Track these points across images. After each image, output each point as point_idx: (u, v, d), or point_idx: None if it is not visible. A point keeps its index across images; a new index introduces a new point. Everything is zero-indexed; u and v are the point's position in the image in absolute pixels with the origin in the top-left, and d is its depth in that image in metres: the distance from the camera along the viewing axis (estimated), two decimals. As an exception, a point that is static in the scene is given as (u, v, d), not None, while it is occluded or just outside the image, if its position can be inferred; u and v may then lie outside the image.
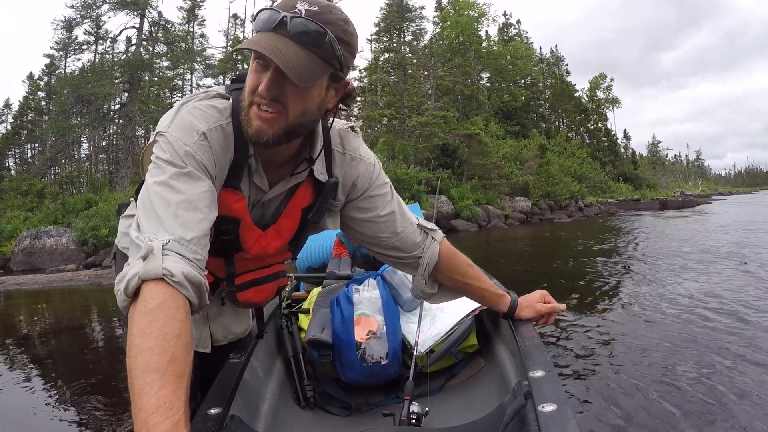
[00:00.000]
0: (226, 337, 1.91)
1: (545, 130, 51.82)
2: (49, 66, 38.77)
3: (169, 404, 0.97)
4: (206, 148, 1.37)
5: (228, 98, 1.48)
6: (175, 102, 7.93)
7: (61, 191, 25.83)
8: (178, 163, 1.31)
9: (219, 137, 1.41)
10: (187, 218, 1.25)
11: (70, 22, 30.51)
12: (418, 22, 46.01)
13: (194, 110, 1.41)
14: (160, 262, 1.15)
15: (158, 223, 1.23)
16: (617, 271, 9.04)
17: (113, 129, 32.62)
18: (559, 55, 65.75)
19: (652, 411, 3.27)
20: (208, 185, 1.34)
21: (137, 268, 1.15)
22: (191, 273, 1.19)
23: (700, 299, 6.20)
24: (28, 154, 40.05)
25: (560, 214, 30.75)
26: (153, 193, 1.27)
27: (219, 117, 1.43)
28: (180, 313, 1.13)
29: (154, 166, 1.33)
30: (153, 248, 1.17)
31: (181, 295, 1.16)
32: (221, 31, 49.82)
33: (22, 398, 4.09)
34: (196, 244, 1.25)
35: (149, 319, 1.09)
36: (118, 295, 1.18)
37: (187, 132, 1.36)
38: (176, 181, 1.28)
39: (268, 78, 1.31)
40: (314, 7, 1.31)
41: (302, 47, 1.29)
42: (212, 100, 1.46)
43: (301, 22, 1.29)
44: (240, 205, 1.54)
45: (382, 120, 34.44)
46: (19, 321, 7.72)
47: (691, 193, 59.37)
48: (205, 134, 1.38)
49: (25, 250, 15.48)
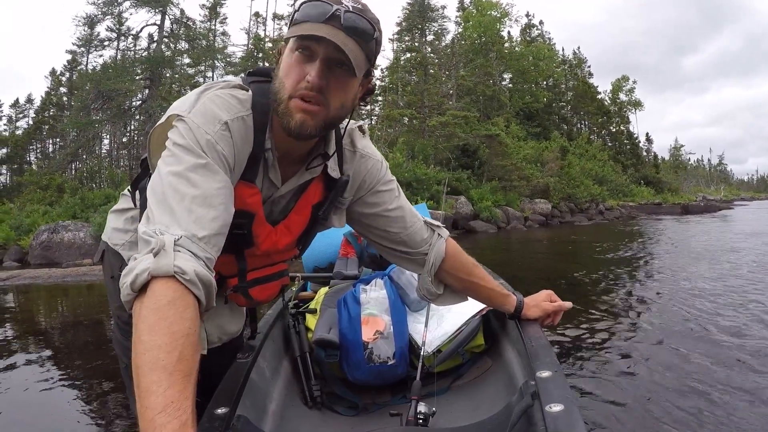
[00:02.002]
0: (220, 338, 1.85)
1: (567, 132, 51.78)
2: (71, 62, 39.37)
3: (177, 404, 0.95)
4: (227, 139, 1.35)
5: (247, 89, 1.47)
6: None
7: (80, 186, 26.09)
8: (196, 151, 1.28)
9: (240, 128, 1.39)
10: (201, 214, 1.22)
11: (92, 19, 30.85)
12: (440, 21, 46.02)
13: (216, 98, 1.38)
14: (172, 258, 1.13)
15: (171, 216, 1.20)
16: (632, 275, 8.98)
17: (134, 125, 32.93)
18: (581, 57, 65.80)
19: (660, 411, 3.25)
20: (225, 180, 1.32)
21: (147, 263, 1.12)
22: (203, 272, 1.17)
23: (716, 304, 6.13)
24: (49, 149, 40.68)
25: (580, 217, 30.65)
26: (167, 184, 1.24)
27: (240, 108, 1.41)
28: (189, 312, 1.11)
29: (169, 154, 1.30)
30: (165, 244, 1.14)
31: (191, 294, 1.14)
32: (243, 29, 50.26)
33: (38, 390, 4.13)
34: (207, 242, 1.22)
35: (158, 316, 1.07)
36: (123, 289, 1.14)
37: (209, 120, 1.33)
38: (193, 173, 1.26)
39: (318, 68, 1.32)
40: (357, 5, 1.35)
41: (353, 39, 1.32)
42: (233, 90, 1.44)
43: (353, 17, 1.32)
44: (255, 199, 1.52)
45: (403, 119, 34.49)
46: (35, 314, 7.82)
47: (713, 198, 59.11)
48: (228, 124, 1.36)
49: (43, 243, 15.74)
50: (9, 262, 15.70)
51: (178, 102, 1.41)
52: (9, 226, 17.78)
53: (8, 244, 16.91)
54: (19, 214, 19.91)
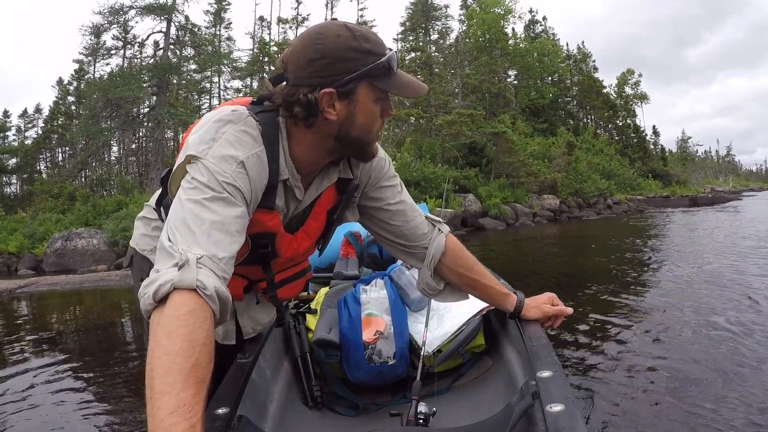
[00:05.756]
0: (254, 329, 2.00)
1: (573, 127, 51.48)
2: (78, 71, 39.49)
3: (189, 406, 0.98)
4: (243, 176, 1.40)
5: (256, 119, 1.51)
6: (203, 105, 7.90)
7: (91, 194, 26.21)
8: (215, 188, 1.33)
9: (256, 165, 1.44)
10: (219, 238, 1.27)
11: (98, 28, 30.91)
12: (443, 20, 45.98)
13: (231, 138, 1.42)
14: (195, 273, 1.17)
15: (192, 238, 1.24)
16: (638, 271, 8.92)
17: (142, 132, 33.11)
18: (586, 51, 65.30)
19: (661, 412, 3.24)
20: (242, 211, 1.36)
21: (170, 276, 1.16)
22: (221, 289, 1.21)
23: (723, 302, 6.09)
24: (59, 157, 40.78)
25: (588, 212, 30.49)
26: (187, 210, 1.29)
27: (254, 144, 1.46)
28: (207, 324, 1.14)
29: (190, 186, 1.34)
30: (189, 260, 1.19)
31: (209, 307, 1.18)
32: (248, 34, 50.09)
33: (53, 393, 4.18)
34: (226, 264, 1.27)
35: (178, 323, 1.10)
36: (143, 299, 1.18)
37: (225, 161, 1.37)
38: (212, 203, 1.30)
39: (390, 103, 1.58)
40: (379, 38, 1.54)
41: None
42: (245, 125, 1.47)
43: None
44: (275, 222, 1.59)
45: (409, 119, 34.40)
46: (52, 320, 7.88)
47: (722, 189, 58.71)
48: (243, 163, 1.40)
49: (57, 251, 15.85)
50: (24, 270, 15.82)
51: (195, 140, 1.43)
52: (23, 235, 17.89)
53: (22, 253, 17.03)
54: (31, 223, 20.04)
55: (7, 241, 17.39)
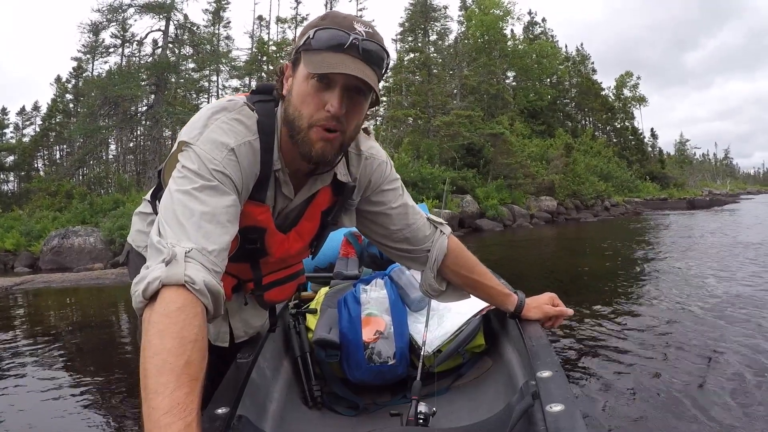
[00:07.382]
0: (246, 332, 1.95)
1: (571, 129, 51.60)
2: (76, 69, 39.37)
3: (183, 405, 0.97)
4: (234, 164, 1.38)
5: (253, 109, 1.49)
6: (202, 104, 7.91)
7: (89, 192, 26.12)
8: (205, 176, 1.32)
9: (248, 153, 1.43)
10: (209, 230, 1.26)
11: (96, 26, 30.96)
12: (442, 21, 46.00)
13: (223, 125, 1.41)
14: (183, 268, 1.16)
15: (181, 231, 1.23)
16: (636, 272, 8.96)
17: (140, 130, 32.99)
18: (584, 54, 65.47)
19: (660, 412, 3.25)
20: (232, 200, 1.35)
21: (158, 272, 1.16)
22: (211, 282, 1.20)
23: (722, 302, 6.11)
24: (56, 155, 40.70)
25: (586, 214, 30.57)
26: (176, 201, 1.28)
27: (247, 132, 1.44)
28: (198, 320, 1.13)
29: (180, 175, 1.34)
30: (176, 254, 1.18)
31: (200, 302, 1.17)
32: (246, 33, 50.16)
33: (49, 392, 4.18)
34: (216, 256, 1.25)
35: (168, 321, 1.09)
36: (134, 296, 1.18)
37: (216, 147, 1.36)
38: (201, 193, 1.29)
39: (338, 97, 1.36)
40: (369, 29, 1.40)
41: (370, 67, 1.38)
42: (239, 114, 1.46)
43: (369, 45, 1.37)
44: (265, 216, 1.56)
45: (407, 120, 34.40)
46: (48, 317, 7.86)
47: (719, 192, 58.83)
48: (234, 150, 1.39)
49: (54, 249, 15.81)
50: (20, 267, 15.76)
51: (187, 127, 1.43)
52: (19, 232, 17.81)
53: (19, 250, 16.97)
54: (28, 221, 20.01)
55: (4, 239, 17.32)
